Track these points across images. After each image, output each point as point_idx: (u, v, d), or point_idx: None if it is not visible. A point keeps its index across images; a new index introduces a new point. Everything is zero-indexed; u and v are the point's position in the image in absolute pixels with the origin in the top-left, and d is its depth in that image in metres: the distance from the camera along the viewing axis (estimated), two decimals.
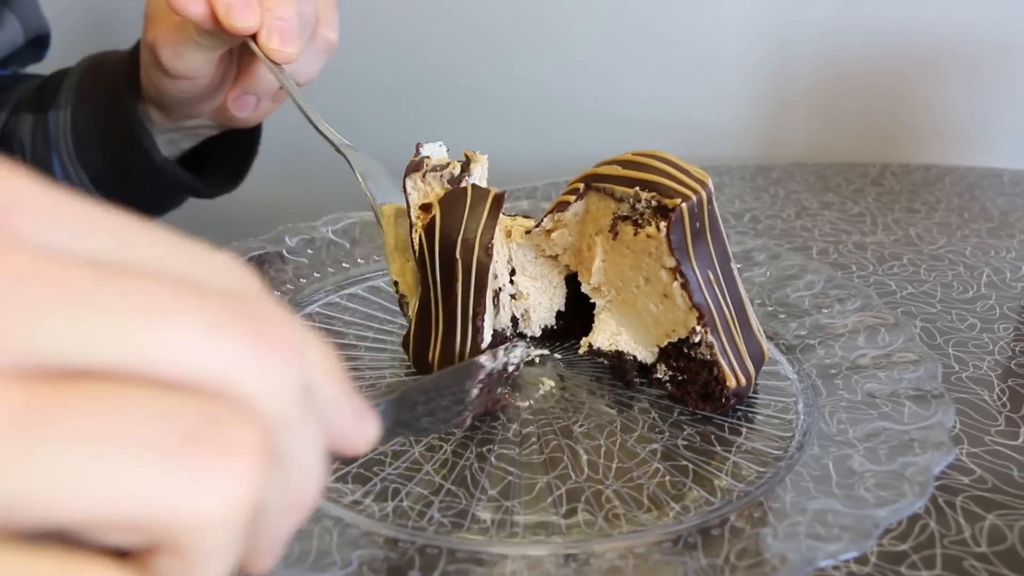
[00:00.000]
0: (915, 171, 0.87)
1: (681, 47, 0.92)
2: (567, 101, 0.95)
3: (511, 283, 0.49)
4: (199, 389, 0.16)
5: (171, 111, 0.60)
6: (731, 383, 0.42)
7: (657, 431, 0.42)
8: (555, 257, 0.48)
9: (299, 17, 0.52)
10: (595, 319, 0.47)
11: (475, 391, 0.39)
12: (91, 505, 0.15)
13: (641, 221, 0.43)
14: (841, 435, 0.40)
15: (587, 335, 0.47)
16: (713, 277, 0.43)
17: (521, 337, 0.50)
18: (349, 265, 0.57)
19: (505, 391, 0.45)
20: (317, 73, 0.57)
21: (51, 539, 0.15)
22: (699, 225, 0.42)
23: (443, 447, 0.41)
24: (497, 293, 0.47)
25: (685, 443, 0.41)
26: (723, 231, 0.45)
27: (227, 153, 0.66)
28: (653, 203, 0.42)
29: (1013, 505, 0.39)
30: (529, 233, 0.48)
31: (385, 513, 0.36)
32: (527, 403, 0.44)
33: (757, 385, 0.45)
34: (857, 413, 0.42)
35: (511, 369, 0.43)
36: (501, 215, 0.49)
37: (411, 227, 0.45)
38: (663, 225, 0.41)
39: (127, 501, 0.15)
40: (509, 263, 0.49)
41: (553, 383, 0.46)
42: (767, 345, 0.47)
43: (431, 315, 0.45)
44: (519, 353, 0.43)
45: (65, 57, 0.68)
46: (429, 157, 0.47)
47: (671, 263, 0.42)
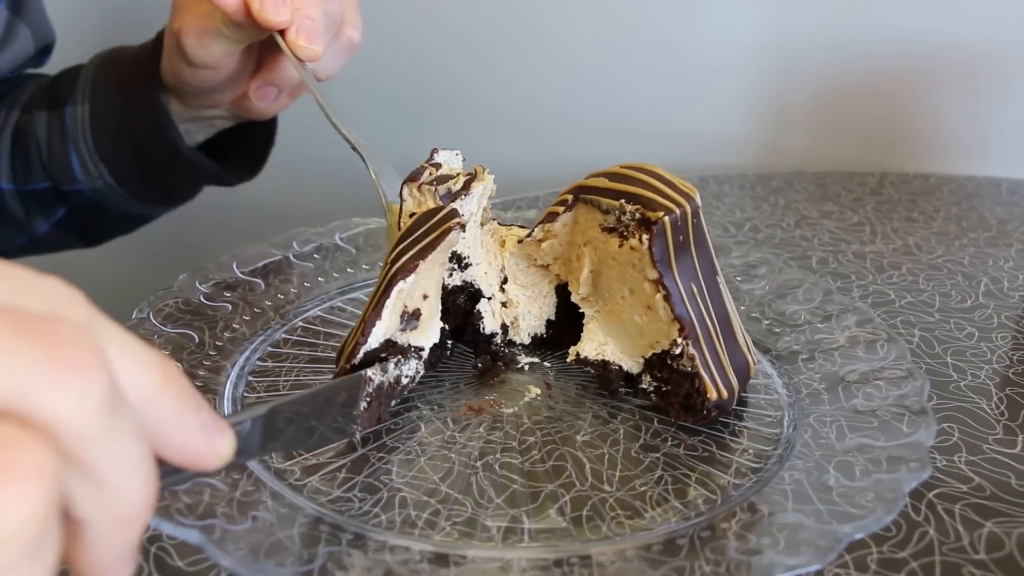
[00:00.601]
0: (914, 180, 0.87)
1: (683, 59, 0.93)
2: (570, 112, 0.96)
3: (502, 291, 0.50)
4: None
5: (190, 100, 0.61)
6: (712, 395, 0.43)
7: (639, 441, 0.43)
8: (546, 267, 0.49)
9: (325, 16, 0.53)
10: (584, 329, 0.47)
11: (363, 404, 0.39)
12: None
13: (626, 233, 0.43)
14: (822, 450, 0.40)
15: (577, 344, 0.48)
16: (697, 290, 0.43)
17: (510, 345, 0.50)
18: (354, 271, 0.58)
19: (491, 398, 0.46)
20: (338, 70, 0.58)
21: None
22: (682, 238, 0.43)
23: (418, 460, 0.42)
24: (414, 312, 0.44)
25: (666, 453, 0.42)
26: (710, 244, 0.45)
27: (242, 145, 0.67)
28: (637, 216, 0.42)
29: (1011, 513, 0.39)
30: (521, 243, 0.49)
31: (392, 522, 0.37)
32: (512, 409, 0.45)
33: (745, 398, 0.46)
34: (841, 428, 0.42)
35: (405, 381, 0.44)
36: (496, 224, 0.50)
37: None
38: (646, 238, 0.42)
39: None
40: (502, 272, 0.50)
41: (539, 391, 0.47)
42: (756, 358, 0.47)
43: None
44: (412, 367, 0.44)
45: (66, 58, 0.69)
46: (436, 166, 0.48)
47: (653, 275, 0.42)
